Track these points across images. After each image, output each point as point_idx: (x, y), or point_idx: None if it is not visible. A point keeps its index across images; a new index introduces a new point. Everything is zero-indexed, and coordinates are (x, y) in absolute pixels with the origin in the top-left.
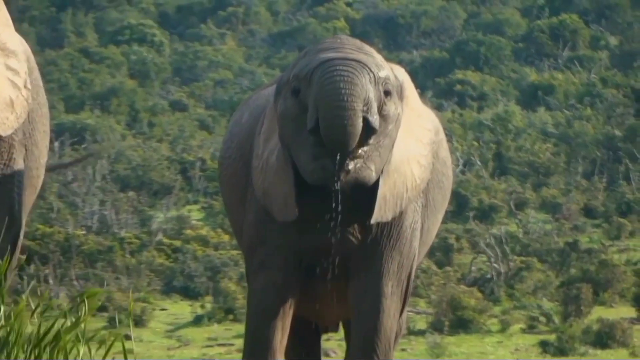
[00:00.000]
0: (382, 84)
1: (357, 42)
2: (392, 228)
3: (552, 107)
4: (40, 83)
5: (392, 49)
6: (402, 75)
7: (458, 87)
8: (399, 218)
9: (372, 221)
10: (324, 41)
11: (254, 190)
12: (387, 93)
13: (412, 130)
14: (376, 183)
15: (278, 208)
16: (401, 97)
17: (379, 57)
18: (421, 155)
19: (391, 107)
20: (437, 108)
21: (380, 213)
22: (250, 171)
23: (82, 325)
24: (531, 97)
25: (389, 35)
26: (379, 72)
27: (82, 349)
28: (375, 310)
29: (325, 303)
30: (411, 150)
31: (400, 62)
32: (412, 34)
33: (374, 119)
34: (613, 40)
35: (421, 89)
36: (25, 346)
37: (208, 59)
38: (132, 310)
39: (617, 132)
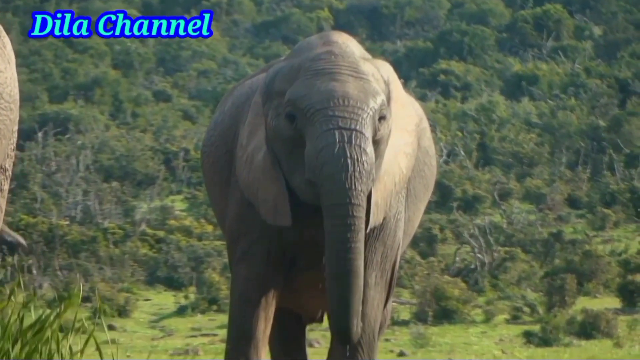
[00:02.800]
0: (378, 114)
1: (351, 57)
2: None
3: (536, 98)
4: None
5: (376, 39)
6: (387, 71)
7: (442, 77)
8: None
9: (367, 230)
10: (318, 57)
11: (236, 180)
12: (381, 118)
13: (397, 122)
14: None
15: (266, 210)
16: (390, 101)
17: (372, 74)
18: (406, 144)
19: (385, 128)
20: (421, 98)
21: (374, 219)
22: (234, 160)
23: (65, 316)
24: (515, 88)
25: (373, 25)
26: (376, 101)
27: (67, 340)
28: None
29: (309, 294)
30: (398, 144)
31: (384, 53)
32: (396, 24)
33: (371, 157)
34: (597, 31)
35: (405, 79)
36: (9, 336)
37: (192, 49)
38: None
39: (601, 123)
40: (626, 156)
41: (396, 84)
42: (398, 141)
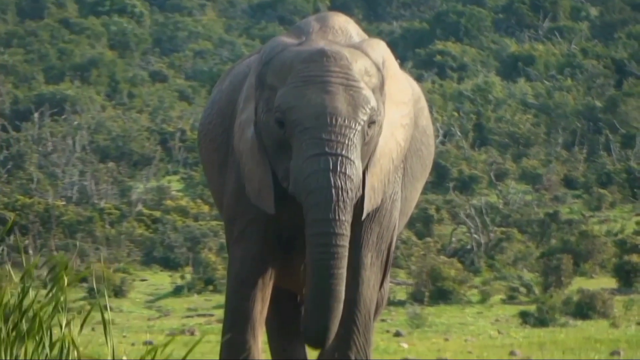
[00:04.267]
0: (368, 122)
1: (342, 57)
2: None
3: (532, 78)
4: None
5: (372, 20)
6: (382, 51)
7: (438, 58)
8: None
9: (364, 216)
10: (310, 57)
11: (234, 160)
12: (372, 123)
13: (391, 96)
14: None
15: (250, 190)
16: (383, 86)
17: (365, 72)
18: (403, 116)
19: (375, 129)
20: (417, 79)
21: (371, 203)
22: (231, 139)
23: (62, 295)
24: (511, 68)
25: (369, 6)
26: (366, 112)
27: (63, 320)
28: (355, 281)
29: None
30: (394, 118)
31: (380, 33)
32: (392, 5)
33: (356, 180)
34: (593, 11)
35: (401, 59)
36: (5, 316)
37: (188, 29)
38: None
39: (598, 103)
40: (622, 136)
41: (391, 61)
42: (394, 115)
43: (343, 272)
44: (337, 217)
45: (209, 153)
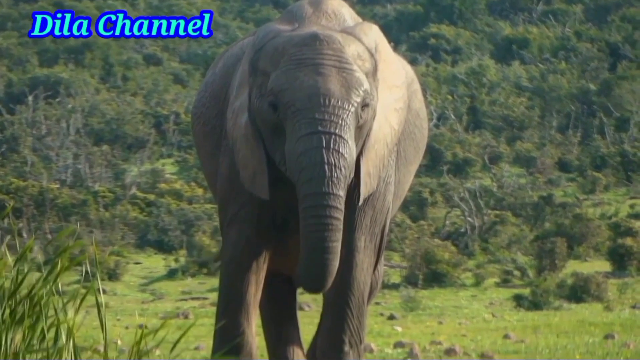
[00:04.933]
0: (361, 104)
1: (335, 40)
2: None
3: (526, 61)
4: None
5: (366, 2)
6: (374, 35)
7: (432, 41)
8: None
9: (361, 201)
10: (303, 41)
11: (227, 143)
12: (365, 106)
13: (385, 81)
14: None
15: (245, 176)
16: (376, 71)
17: (358, 56)
18: (396, 100)
19: (369, 113)
20: (412, 62)
21: (367, 188)
22: (224, 122)
23: (57, 278)
24: (505, 51)
25: None
26: (359, 94)
27: (58, 303)
28: (349, 264)
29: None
30: (387, 102)
31: (374, 16)
32: None
33: (350, 159)
34: None
35: (395, 42)
36: (1, 299)
37: (182, 12)
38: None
39: (592, 86)
40: (616, 120)
41: (384, 45)
42: (388, 99)
43: (337, 245)
44: (330, 191)
45: (202, 136)
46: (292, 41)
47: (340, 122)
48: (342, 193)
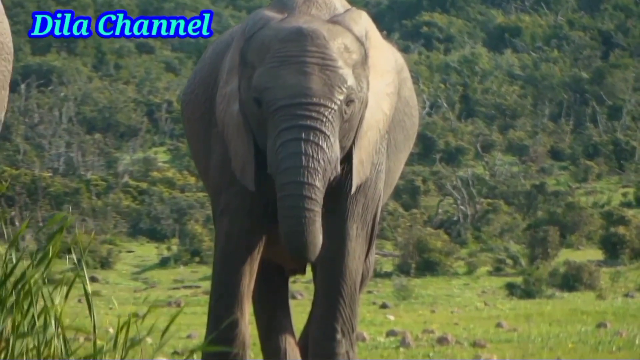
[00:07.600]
0: (345, 102)
1: (319, 36)
2: None
3: (518, 50)
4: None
5: None
6: (364, 23)
7: (425, 29)
8: None
9: (353, 190)
10: (288, 37)
11: (217, 132)
12: (350, 102)
13: (376, 67)
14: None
15: (236, 165)
16: (367, 59)
17: (344, 49)
18: (387, 85)
19: (355, 107)
20: (404, 50)
21: (360, 176)
22: (214, 108)
23: (49, 265)
24: (498, 39)
25: None
26: (342, 91)
27: (49, 292)
28: (340, 252)
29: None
30: (379, 88)
31: (367, 5)
32: None
33: (330, 153)
34: None
35: (388, 31)
36: None
37: (175, 1)
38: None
39: (584, 75)
40: (609, 108)
41: (373, 32)
42: (379, 85)
43: (317, 241)
44: (306, 181)
45: (192, 124)
46: (277, 36)
47: (321, 118)
48: (318, 184)
